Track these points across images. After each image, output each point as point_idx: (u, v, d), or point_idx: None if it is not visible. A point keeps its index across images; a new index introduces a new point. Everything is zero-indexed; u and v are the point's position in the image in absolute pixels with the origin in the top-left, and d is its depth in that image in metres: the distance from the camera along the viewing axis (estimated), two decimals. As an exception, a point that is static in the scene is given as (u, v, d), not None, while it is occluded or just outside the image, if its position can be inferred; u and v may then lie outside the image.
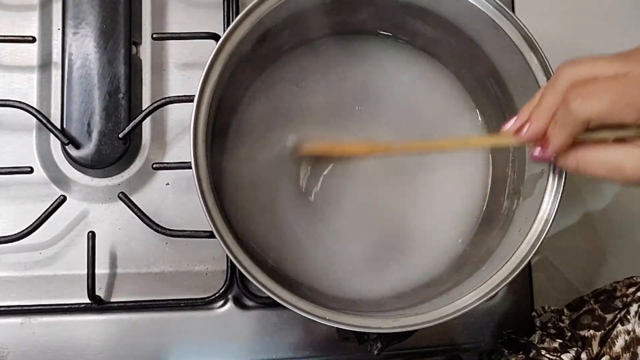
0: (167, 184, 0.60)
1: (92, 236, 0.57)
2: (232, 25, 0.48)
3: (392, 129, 0.58)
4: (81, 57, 0.59)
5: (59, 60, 0.59)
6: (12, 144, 0.60)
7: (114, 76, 0.59)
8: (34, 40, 0.59)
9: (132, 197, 0.58)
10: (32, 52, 0.61)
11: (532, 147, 0.44)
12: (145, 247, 0.59)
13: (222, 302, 0.60)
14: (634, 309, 0.51)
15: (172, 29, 0.62)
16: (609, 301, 0.55)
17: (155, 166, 0.58)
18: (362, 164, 0.57)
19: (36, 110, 0.57)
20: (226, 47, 0.48)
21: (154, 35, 0.60)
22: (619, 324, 0.51)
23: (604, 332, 0.52)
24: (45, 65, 0.61)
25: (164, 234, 0.57)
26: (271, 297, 0.45)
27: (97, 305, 0.57)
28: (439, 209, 0.57)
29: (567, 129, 0.40)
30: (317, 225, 0.56)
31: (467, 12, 0.51)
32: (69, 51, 0.59)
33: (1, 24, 0.61)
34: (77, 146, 0.58)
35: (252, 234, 0.55)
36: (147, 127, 0.61)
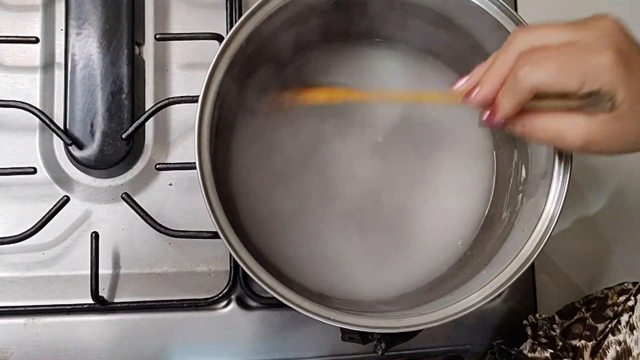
0: (170, 184, 0.60)
1: (95, 237, 0.57)
2: (236, 25, 0.48)
3: (395, 129, 0.58)
4: (84, 57, 0.59)
5: (62, 60, 0.59)
6: (15, 144, 0.60)
7: (117, 77, 0.59)
8: (37, 40, 0.59)
9: (135, 198, 0.58)
10: (35, 53, 0.61)
11: (481, 112, 0.44)
12: (148, 247, 0.59)
13: (225, 302, 0.60)
14: (624, 318, 0.51)
15: (175, 29, 0.62)
16: (600, 310, 0.55)
17: (158, 166, 0.58)
18: (363, 164, 0.57)
19: (39, 110, 0.57)
20: (230, 48, 0.48)
21: (157, 35, 0.60)
22: (610, 334, 0.51)
23: (595, 342, 0.52)
24: (48, 65, 0.61)
25: (167, 235, 0.57)
26: (275, 298, 0.45)
27: (100, 305, 0.57)
28: (443, 208, 0.57)
29: (516, 96, 0.40)
30: (320, 225, 0.56)
31: (471, 11, 0.51)
32: (71, 52, 0.59)
33: (4, 24, 0.61)
34: (80, 147, 0.58)
35: (256, 234, 0.55)
36: (150, 127, 0.61)
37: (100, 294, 0.57)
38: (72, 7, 0.59)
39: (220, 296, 0.58)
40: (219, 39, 0.59)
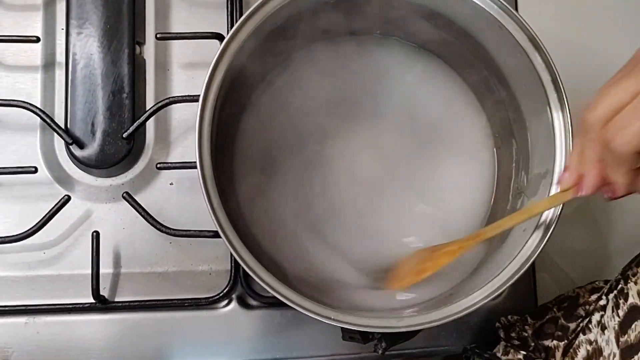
0: (171, 183, 0.60)
1: (96, 236, 0.57)
2: (237, 24, 0.48)
3: (396, 127, 0.58)
4: (85, 57, 0.59)
5: (63, 60, 0.59)
6: (16, 143, 0.60)
7: (118, 76, 0.59)
8: (38, 40, 0.59)
9: (136, 197, 0.58)
10: (36, 52, 0.61)
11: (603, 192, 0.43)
12: (149, 246, 0.59)
13: (226, 301, 0.60)
14: (596, 318, 0.51)
15: (176, 28, 0.62)
16: (572, 309, 0.55)
17: (159, 166, 0.58)
18: (365, 163, 0.57)
19: (40, 110, 0.57)
20: (231, 47, 0.48)
21: (158, 35, 0.60)
22: (581, 334, 0.51)
23: (567, 342, 0.52)
24: (49, 65, 0.61)
25: (168, 234, 0.57)
26: (276, 297, 0.45)
27: (101, 305, 0.57)
28: (444, 207, 0.57)
29: (623, 167, 0.39)
30: (322, 224, 0.56)
31: (472, 12, 0.51)
32: (72, 51, 0.59)
33: (5, 24, 0.61)
34: (81, 146, 0.58)
35: (257, 234, 0.55)
36: (151, 126, 0.61)
37: (101, 293, 0.57)
38: (73, 7, 0.59)
39: (221, 295, 0.58)
40: (220, 38, 0.59)
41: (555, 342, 0.53)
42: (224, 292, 0.58)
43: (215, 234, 0.56)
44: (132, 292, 0.59)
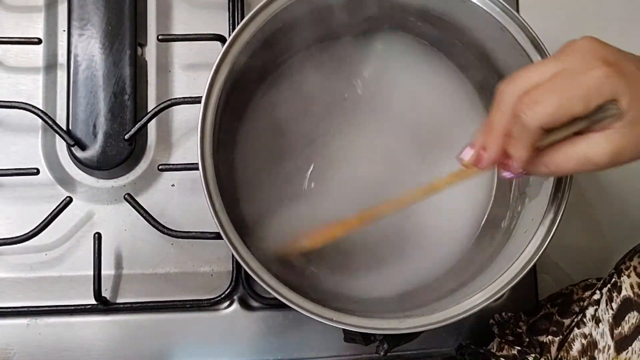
0: (173, 185, 0.60)
1: (98, 237, 0.57)
2: (240, 26, 0.48)
3: (397, 128, 0.58)
4: (87, 58, 0.59)
5: (65, 61, 0.59)
6: (18, 145, 0.60)
7: (120, 77, 0.59)
8: (39, 41, 0.59)
9: (137, 198, 0.58)
10: (37, 54, 0.61)
11: (497, 168, 0.44)
12: (150, 248, 0.59)
13: (227, 303, 0.60)
14: (590, 312, 0.51)
15: (177, 30, 0.62)
16: (567, 305, 0.55)
17: (160, 167, 0.58)
18: (366, 164, 0.57)
19: (42, 111, 0.57)
20: (233, 49, 0.48)
21: (160, 36, 0.60)
22: (575, 328, 0.51)
23: (562, 337, 0.52)
24: (50, 66, 0.61)
25: (170, 235, 0.57)
26: (277, 298, 0.45)
27: (103, 306, 0.58)
28: (444, 209, 0.57)
29: (526, 141, 0.40)
30: (322, 224, 0.56)
31: (473, 13, 0.51)
32: (74, 52, 0.59)
33: (7, 25, 0.61)
34: (82, 147, 0.58)
35: (258, 235, 0.55)
36: (152, 128, 0.61)
37: (103, 294, 0.57)
38: (75, 8, 0.59)
39: (222, 297, 0.58)
40: (222, 40, 0.59)
41: (550, 337, 0.53)
42: (226, 293, 0.58)
43: (216, 236, 0.56)
44: (133, 293, 0.59)
